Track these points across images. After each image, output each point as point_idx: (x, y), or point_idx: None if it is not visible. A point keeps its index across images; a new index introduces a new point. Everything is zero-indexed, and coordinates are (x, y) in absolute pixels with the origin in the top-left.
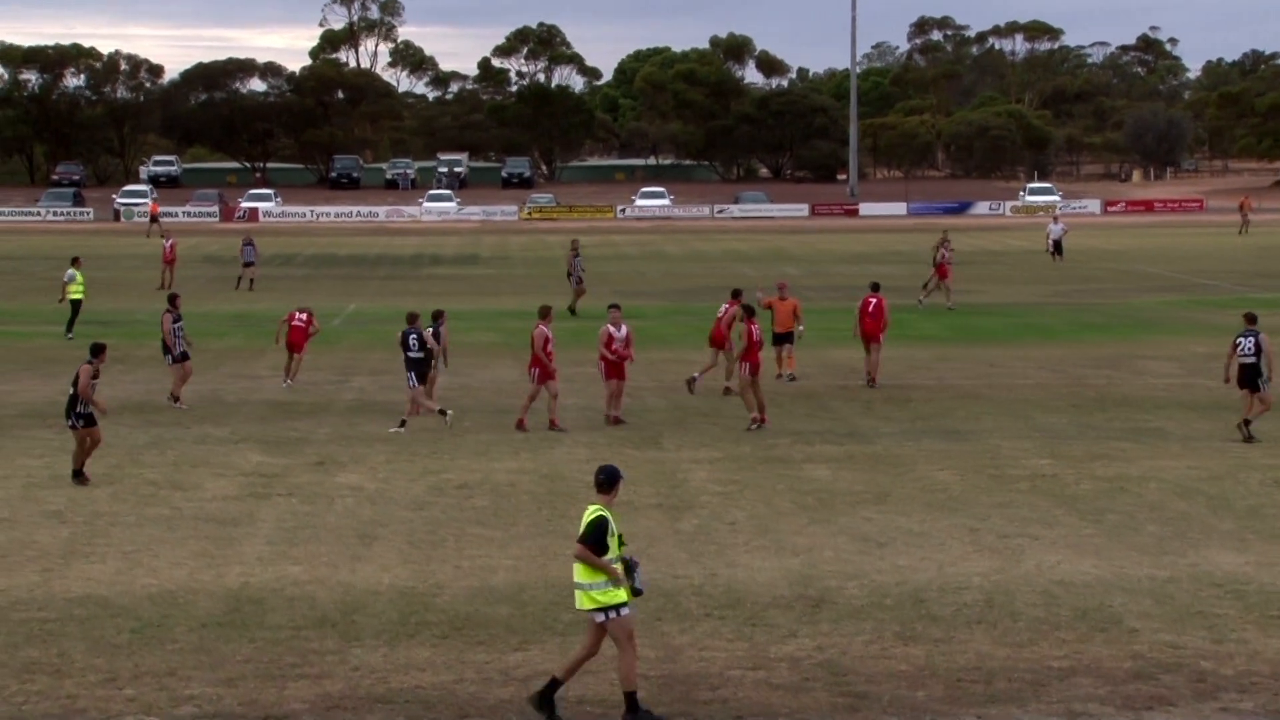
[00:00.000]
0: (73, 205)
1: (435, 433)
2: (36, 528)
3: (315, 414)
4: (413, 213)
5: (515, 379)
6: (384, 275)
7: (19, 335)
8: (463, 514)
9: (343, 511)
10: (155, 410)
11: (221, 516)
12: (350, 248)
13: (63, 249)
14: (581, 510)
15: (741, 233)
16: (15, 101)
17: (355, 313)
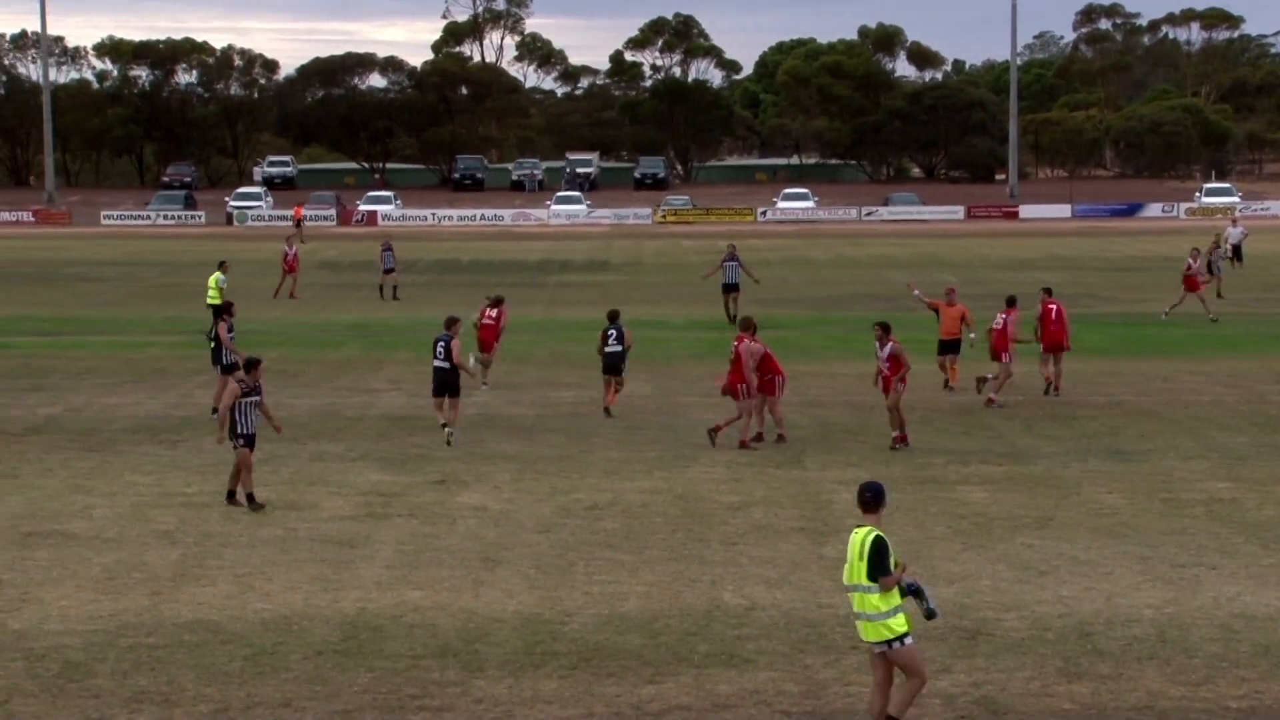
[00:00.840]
0: (183, 208)
1: (564, 450)
2: (146, 548)
3: (436, 430)
4: (540, 216)
5: (648, 393)
6: (509, 283)
7: (128, 346)
8: (592, 536)
9: (465, 533)
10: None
11: (338, 538)
12: (474, 253)
13: (173, 254)
14: (718, 533)
15: (891, 237)
16: (125, 99)
17: None
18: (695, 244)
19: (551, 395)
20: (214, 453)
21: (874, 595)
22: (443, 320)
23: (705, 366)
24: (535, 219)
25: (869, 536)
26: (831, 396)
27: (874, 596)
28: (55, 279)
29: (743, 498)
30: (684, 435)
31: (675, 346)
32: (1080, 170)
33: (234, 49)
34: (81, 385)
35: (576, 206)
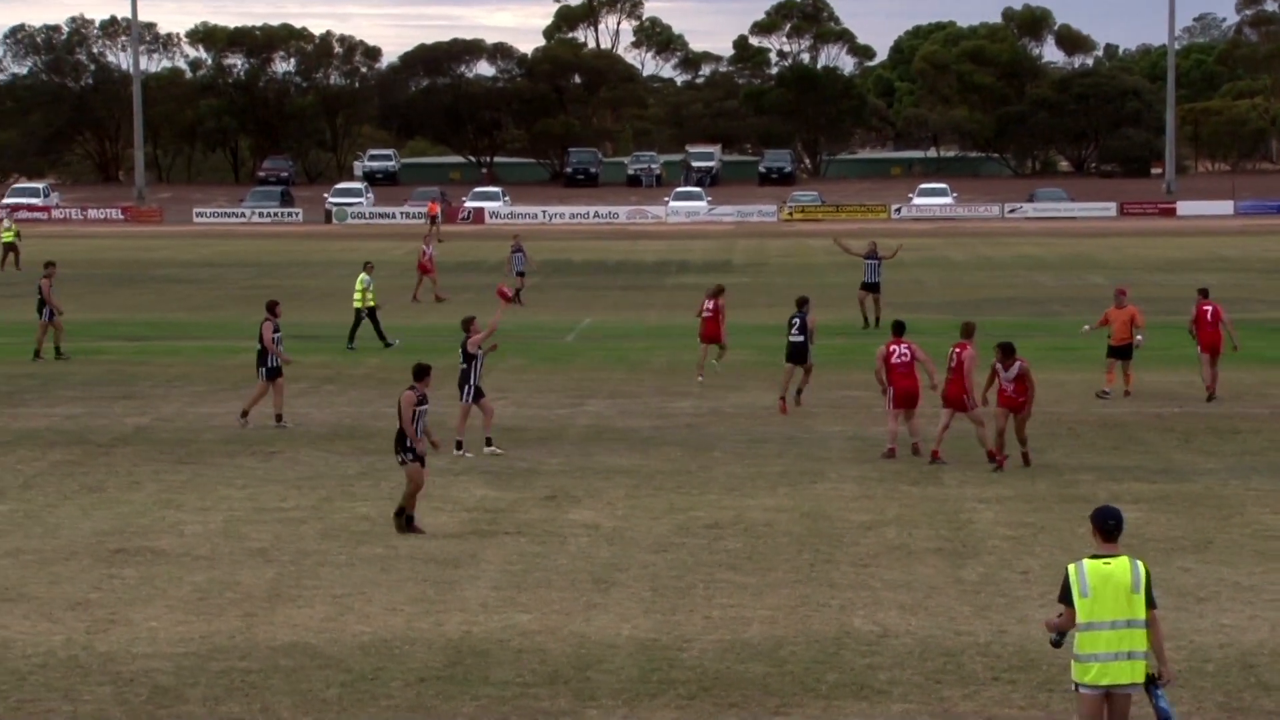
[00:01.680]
0: (280, 205)
1: (682, 464)
2: (239, 567)
3: (546, 442)
4: (657, 213)
5: (770, 403)
6: (624, 285)
7: (221, 352)
8: (712, 557)
9: (576, 553)
10: (368, 436)
11: (441, 557)
12: (586, 253)
13: (269, 254)
14: (848, 554)
15: (1037, 236)
16: (219, 89)
17: (592, 327)
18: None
19: (669, 405)
20: (310, 464)
21: (1145, 630)
22: (462, 322)
23: (833, 375)
24: (652, 216)
25: (1142, 565)
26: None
27: (1145, 631)
28: (145, 281)
29: (874, 516)
30: (811, 448)
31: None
32: (1244, 164)
33: (334, 36)
34: (172, 394)
35: (696, 203)
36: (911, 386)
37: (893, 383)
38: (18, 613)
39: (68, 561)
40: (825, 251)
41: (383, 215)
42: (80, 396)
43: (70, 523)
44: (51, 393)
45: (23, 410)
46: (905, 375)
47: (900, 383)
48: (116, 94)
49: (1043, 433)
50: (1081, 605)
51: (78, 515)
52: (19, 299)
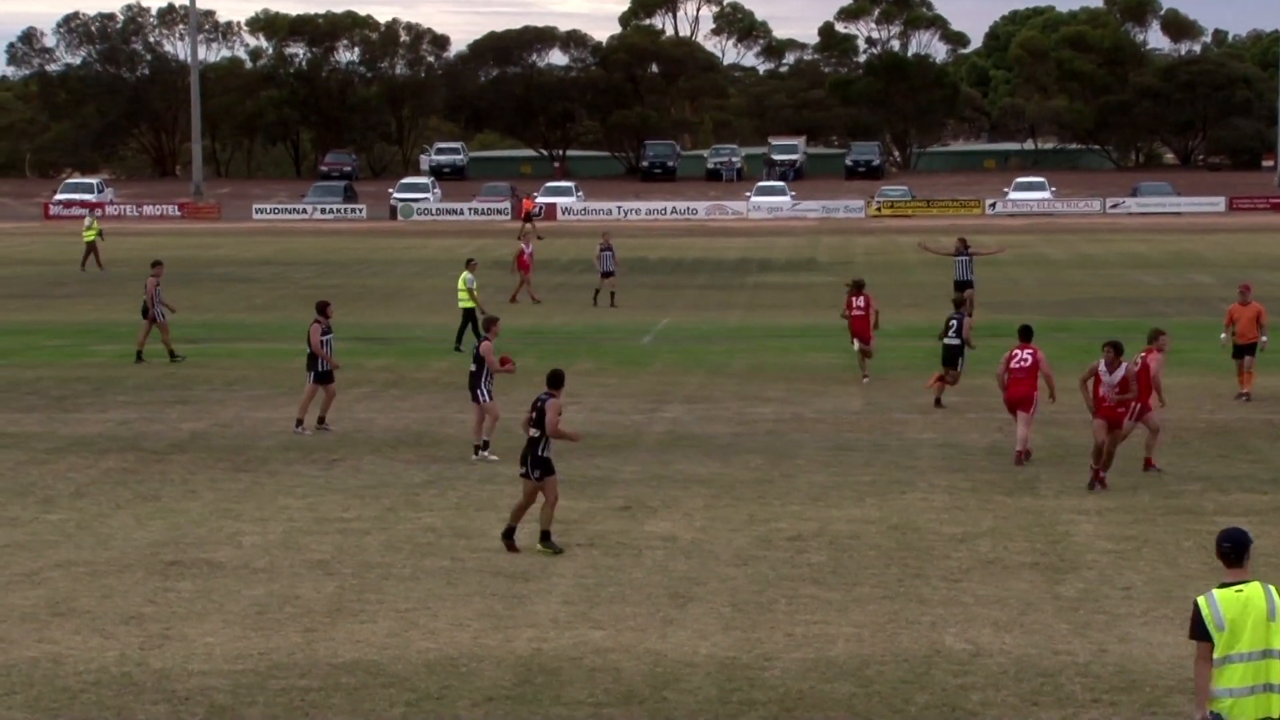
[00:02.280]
0: (343, 201)
1: (763, 473)
2: (299, 580)
3: (620, 449)
4: (738, 209)
5: (858, 409)
6: (702, 284)
7: (282, 354)
8: (795, 571)
9: (653, 566)
10: (434, 443)
11: (511, 570)
12: (663, 250)
13: (332, 252)
14: (939, 568)
15: (1140, 232)
16: (280, 80)
17: (669, 328)
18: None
19: (749, 411)
20: (373, 473)
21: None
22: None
23: (923, 379)
24: (733, 212)
25: (1275, 590)
26: (1069, 414)
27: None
28: (202, 279)
29: (967, 528)
30: (900, 457)
31: (889, 356)
32: None
33: (400, 23)
34: (230, 398)
35: (779, 198)
36: (1023, 393)
37: (1007, 385)
38: (69, 627)
39: (121, 574)
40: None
41: (450, 211)
42: (134, 401)
43: (123, 533)
44: (105, 397)
45: (75, 415)
46: (1020, 382)
47: (1014, 388)
48: (174, 85)
49: (1140, 441)
50: (1219, 640)
51: (131, 525)
52: (74, 299)
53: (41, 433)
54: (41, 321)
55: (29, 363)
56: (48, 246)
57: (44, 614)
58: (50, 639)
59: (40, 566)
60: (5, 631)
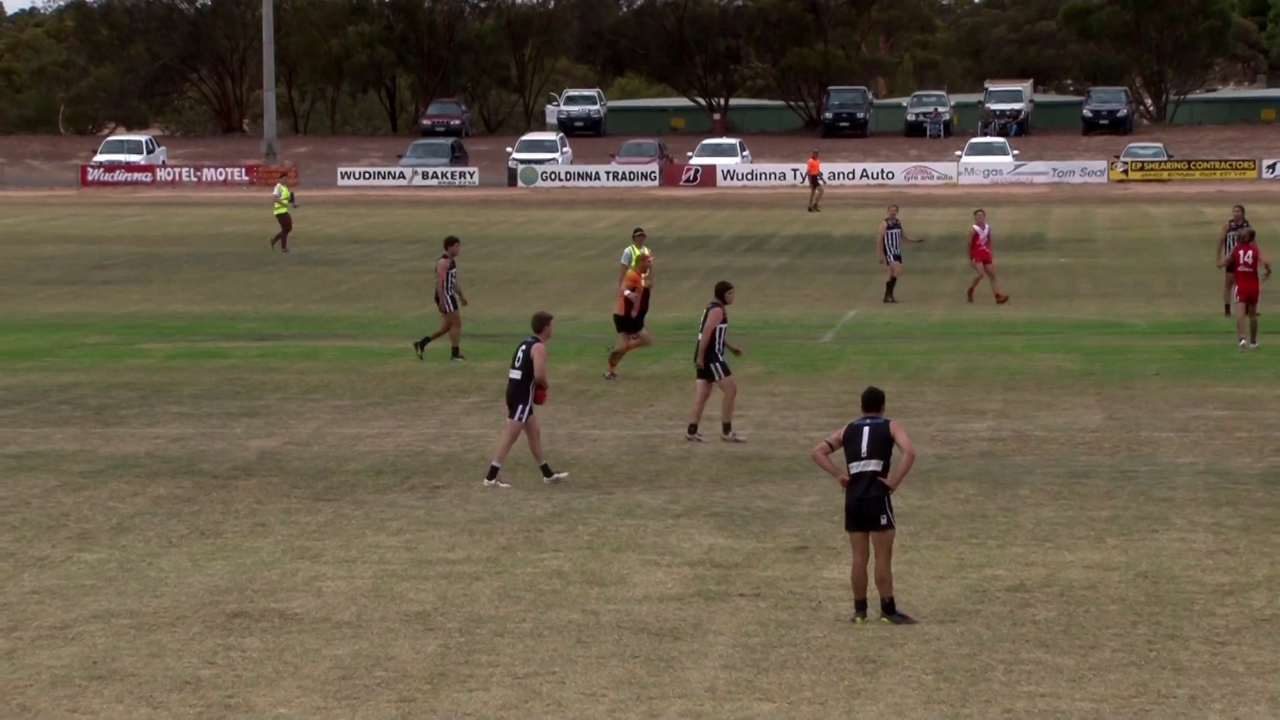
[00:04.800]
0: (450, 163)
1: (976, 506)
2: (393, 637)
3: (795, 474)
4: (946, 172)
5: (1096, 426)
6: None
7: (372, 355)
8: (1016, 630)
9: (835, 622)
10: (561, 467)
11: (656, 626)
12: (851, 225)
13: (436, 227)
14: (1200, 628)
15: None
16: (372, 12)
17: (855, 323)
18: (1170, 211)
19: (959, 427)
20: (486, 503)
21: None
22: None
23: (1180, 387)
24: (939, 176)
25: None
26: None
27: None
28: (275, 263)
29: (1236, 577)
30: (1150, 486)
31: (1136, 359)
32: None
33: None
34: (308, 409)
35: (999, 158)
36: None
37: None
38: (109, 694)
39: (173, 628)
40: (1172, 223)
41: (584, 175)
42: (190, 413)
43: (176, 577)
44: (154, 408)
45: (117, 430)
46: None
47: None
48: (241, 19)
49: None
50: None
51: (186, 567)
52: (119, 286)
53: (77, 451)
54: (80, 314)
55: (64, 365)
56: (87, 220)
57: (79, 677)
58: (87, 708)
59: (75, 618)
60: (32, 699)
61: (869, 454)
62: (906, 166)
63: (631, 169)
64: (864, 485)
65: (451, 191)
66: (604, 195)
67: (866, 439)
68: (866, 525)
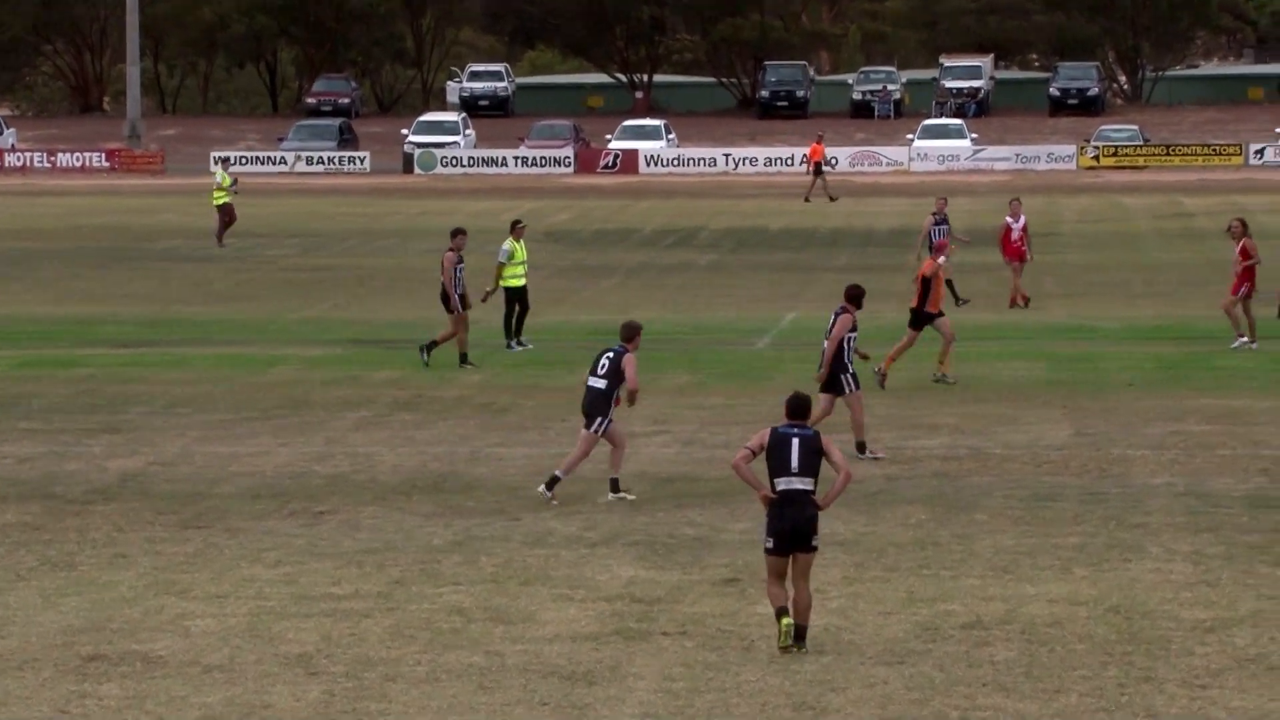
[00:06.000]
0: (337, 147)
1: (927, 532)
2: (271, 683)
3: (726, 497)
4: (896, 157)
5: (1063, 442)
6: (844, 264)
7: (249, 362)
8: (973, 672)
9: (770, 663)
10: (463, 489)
11: (569, 669)
12: (788, 217)
13: (322, 219)
14: (1178, 670)
15: None
16: None
17: (795, 327)
18: (1146, 202)
19: (909, 443)
20: (376, 530)
21: None
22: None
23: (1155, 400)
24: (889, 162)
25: None
26: None
27: None
28: (140, 258)
29: (1217, 613)
30: (1122, 510)
31: (1108, 367)
32: None
33: None
34: (176, 425)
35: (955, 142)
36: None
37: None
38: None
39: (20, 672)
40: (1149, 215)
41: (489, 161)
42: (41, 429)
43: (25, 615)
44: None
45: None
46: None
47: None
48: None
49: None
50: None
51: (36, 604)
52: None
53: None
54: None
55: None
56: None
57: None
58: None
59: None
60: None
61: (800, 470)
62: (852, 151)
63: (543, 154)
64: (799, 506)
65: (339, 179)
66: (512, 183)
67: (796, 452)
68: (796, 547)
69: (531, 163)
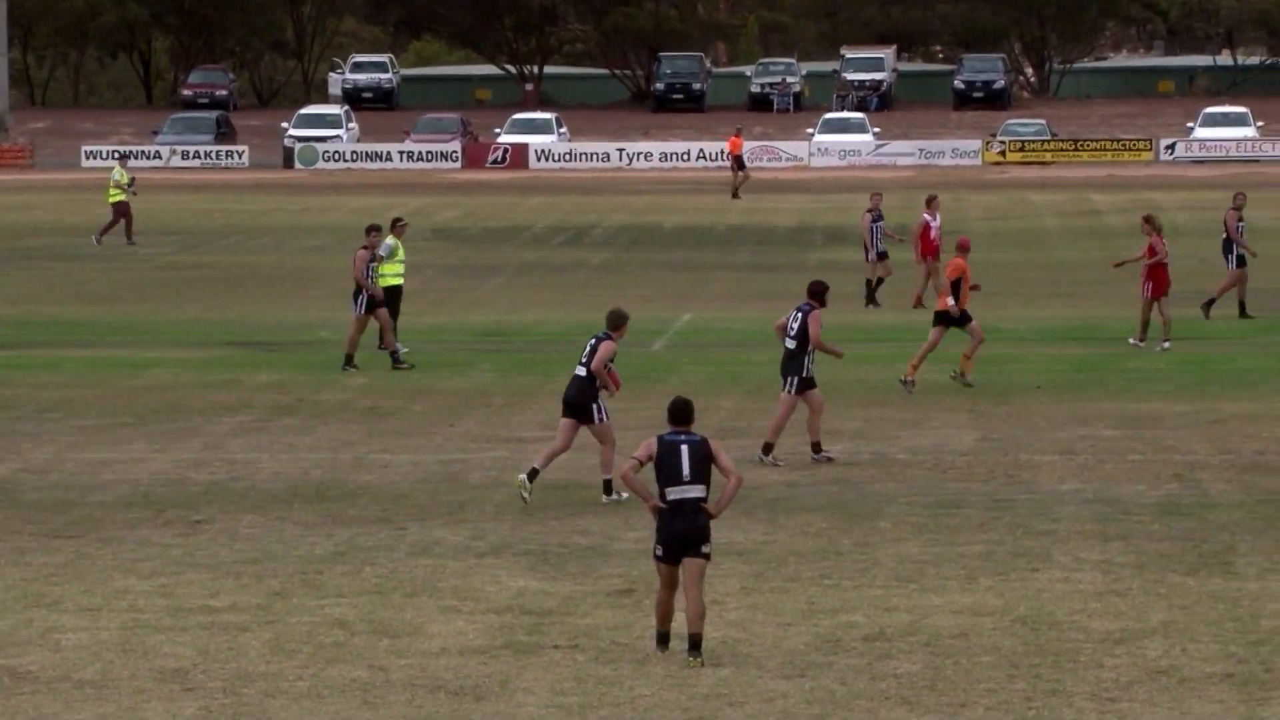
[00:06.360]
0: (214, 141)
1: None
2: (145, 699)
3: (619, 506)
4: (795, 152)
5: (968, 446)
6: (742, 263)
7: (123, 365)
8: (875, 686)
9: (665, 678)
10: (345, 497)
11: (456, 683)
12: (684, 214)
13: (196, 216)
14: (1087, 683)
15: None
16: None
17: (691, 328)
18: (1054, 199)
19: (810, 449)
20: (256, 540)
21: None
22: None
23: (1064, 404)
24: (788, 157)
25: None
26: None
27: None
28: (8, 257)
29: (1128, 623)
30: (1029, 517)
31: (1017, 370)
32: None
33: None
34: (45, 430)
35: (857, 137)
36: None
37: None
38: None
39: None
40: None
41: (373, 156)
42: None
43: None
44: None
45: None
46: None
47: None
48: None
49: None
50: None
51: None
52: None
53: None
54: None
55: None
56: None
57: None
58: None
59: None
60: None
61: (692, 477)
62: (751, 146)
63: (429, 148)
64: (690, 514)
65: (217, 174)
66: (397, 179)
67: (687, 459)
68: (689, 556)
69: (417, 157)
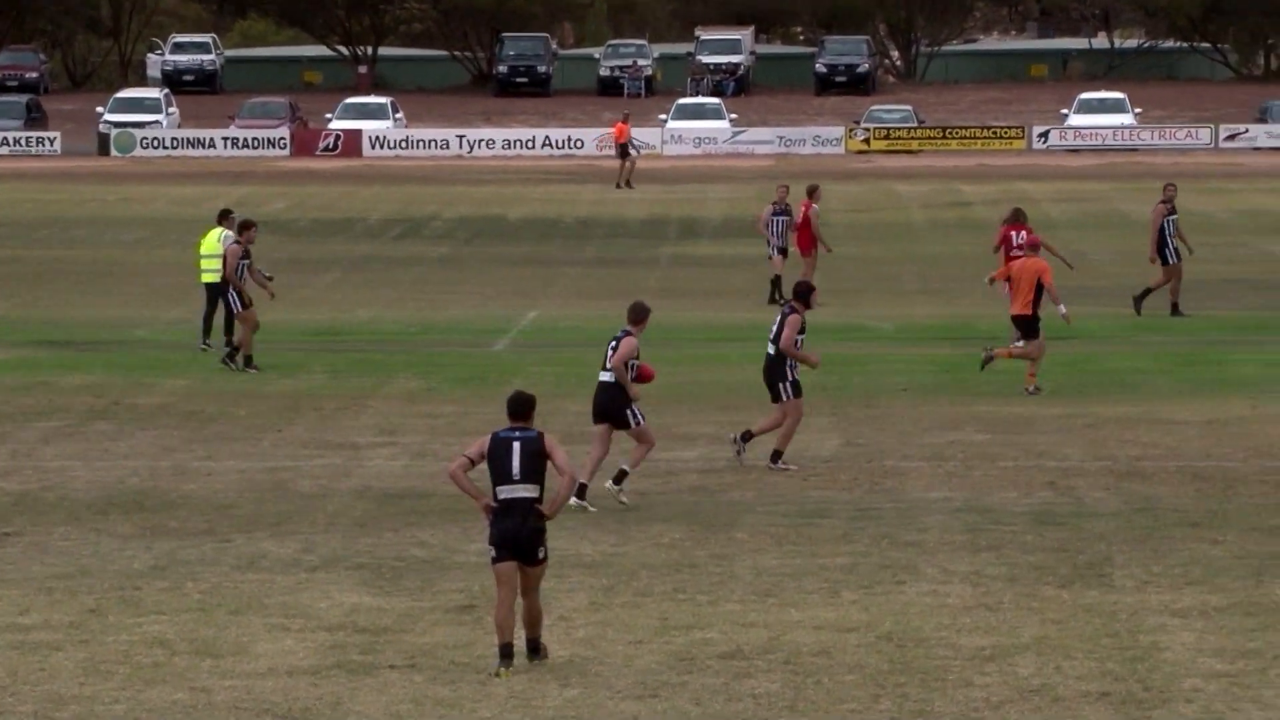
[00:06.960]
0: (24, 126)
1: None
2: None
3: (459, 515)
4: (647, 140)
5: (830, 453)
6: (590, 258)
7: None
8: (731, 706)
9: (508, 699)
10: (165, 507)
11: (284, 706)
12: (529, 205)
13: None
14: (955, 701)
15: (1271, 178)
16: None
17: (536, 327)
18: (921, 190)
19: (662, 455)
20: (69, 553)
21: None
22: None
23: (932, 407)
24: (641, 145)
25: None
26: (1162, 460)
27: None
28: None
29: (999, 639)
30: (896, 526)
31: (880, 371)
32: None
33: None
34: None
35: (712, 123)
36: None
37: None
38: None
39: None
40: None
41: (195, 142)
42: None
43: None
44: None
45: None
46: None
47: None
48: None
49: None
50: None
51: None
52: None
53: None
54: None
55: None
56: None
57: None
58: None
59: None
60: None
61: (522, 476)
62: (599, 133)
63: (255, 134)
64: (520, 514)
65: (26, 161)
66: (221, 167)
67: (518, 457)
68: (520, 557)
69: (242, 144)
